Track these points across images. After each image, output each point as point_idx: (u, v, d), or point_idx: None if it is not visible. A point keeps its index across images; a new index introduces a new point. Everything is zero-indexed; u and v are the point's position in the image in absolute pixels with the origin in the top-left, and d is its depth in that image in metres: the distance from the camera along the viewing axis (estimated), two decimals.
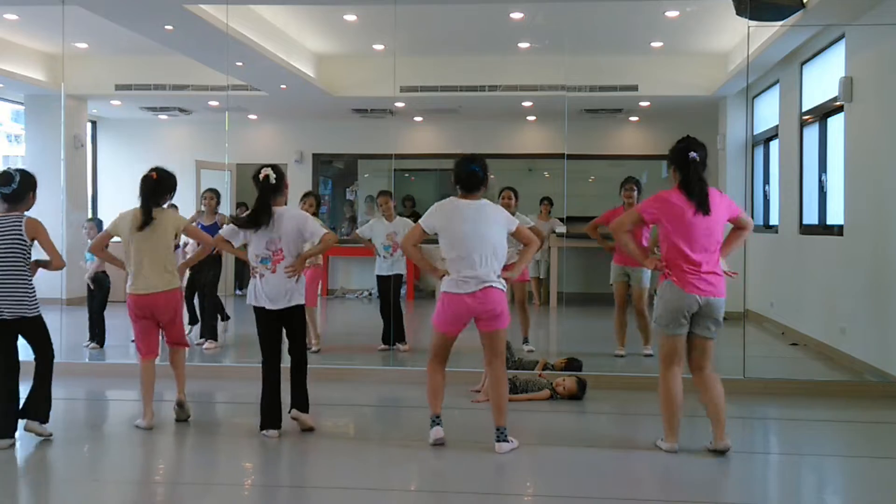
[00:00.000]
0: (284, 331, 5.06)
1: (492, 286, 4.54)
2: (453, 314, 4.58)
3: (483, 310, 4.54)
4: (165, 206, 5.25)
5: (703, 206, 4.45)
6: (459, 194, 4.68)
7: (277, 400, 4.95)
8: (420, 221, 4.73)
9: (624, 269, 7.40)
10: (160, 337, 5.46)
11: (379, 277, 7.86)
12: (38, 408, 4.79)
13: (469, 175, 4.63)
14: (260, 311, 4.97)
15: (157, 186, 5.13)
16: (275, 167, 5.01)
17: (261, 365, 5.01)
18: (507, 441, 4.62)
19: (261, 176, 4.93)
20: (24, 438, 4.77)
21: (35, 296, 4.79)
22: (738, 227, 4.73)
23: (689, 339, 4.61)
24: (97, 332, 7.83)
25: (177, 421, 5.25)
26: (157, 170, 5.19)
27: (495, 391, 4.66)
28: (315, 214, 7.33)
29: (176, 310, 5.26)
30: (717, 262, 4.54)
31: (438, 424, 4.69)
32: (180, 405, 5.26)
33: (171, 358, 5.36)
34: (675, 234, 4.51)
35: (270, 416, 4.93)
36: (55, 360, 4.88)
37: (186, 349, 5.51)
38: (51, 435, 4.81)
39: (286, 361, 5.04)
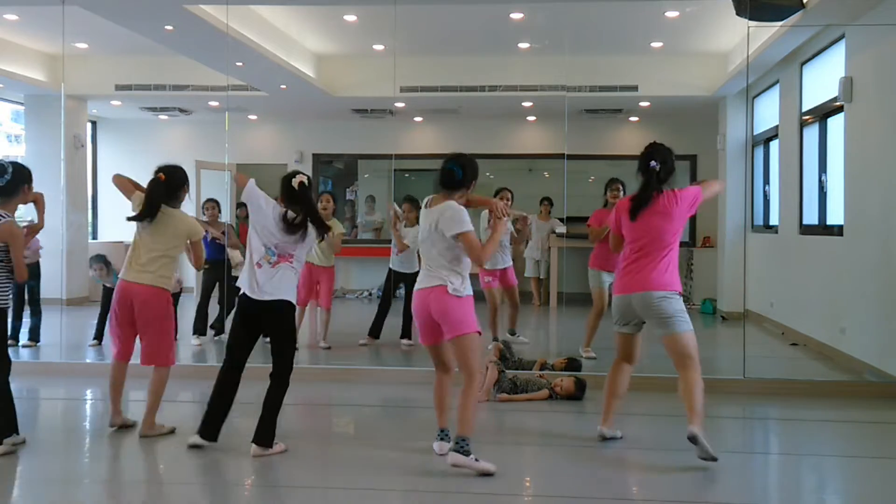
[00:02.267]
0: (269, 338, 4.75)
1: (443, 286, 4.29)
2: (417, 315, 4.43)
3: (435, 309, 4.31)
4: (182, 206, 5.05)
5: (633, 211, 4.53)
6: (441, 192, 4.44)
7: (225, 409, 4.69)
8: None
9: (601, 273, 7.26)
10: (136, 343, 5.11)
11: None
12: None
13: (446, 172, 4.41)
14: (241, 304, 4.65)
15: (168, 187, 4.92)
16: (302, 173, 4.71)
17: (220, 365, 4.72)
18: (465, 454, 4.18)
19: (295, 182, 4.60)
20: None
21: (8, 292, 4.62)
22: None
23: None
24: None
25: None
26: (164, 169, 4.97)
27: (462, 399, 4.27)
28: (333, 213, 7.89)
29: (158, 313, 4.89)
30: (657, 262, 4.48)
31: (442, 440, 4.57)
32: (145, 437, 4.85)
33: (152, 379, 4.95)
34: (625, 236, 4.65)
35: (208, 425, 4.65)
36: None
37: (167, 368, 5.00)
38: (24, 441, 4.63)
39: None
